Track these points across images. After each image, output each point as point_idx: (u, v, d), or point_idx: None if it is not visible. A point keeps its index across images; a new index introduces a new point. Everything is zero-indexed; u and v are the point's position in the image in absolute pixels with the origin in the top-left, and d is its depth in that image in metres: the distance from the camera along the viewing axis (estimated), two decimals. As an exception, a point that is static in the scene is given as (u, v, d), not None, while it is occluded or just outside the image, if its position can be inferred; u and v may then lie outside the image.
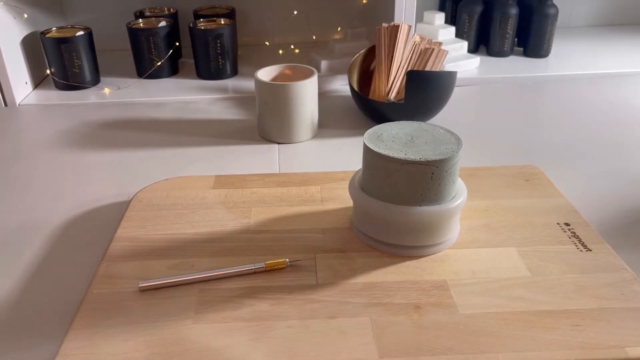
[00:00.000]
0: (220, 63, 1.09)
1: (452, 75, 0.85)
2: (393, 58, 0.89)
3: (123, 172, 0.77)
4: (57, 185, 0.74)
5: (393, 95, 0.89)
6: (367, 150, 0.54)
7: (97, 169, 0.78)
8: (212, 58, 1.08)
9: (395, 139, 0.55)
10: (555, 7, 1.16)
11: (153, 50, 1.08)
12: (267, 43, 1.33)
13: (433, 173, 0.51)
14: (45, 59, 1.05)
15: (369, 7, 1.26)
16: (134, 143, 0.85)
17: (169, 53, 1.10)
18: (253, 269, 0.53)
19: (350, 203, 0.61)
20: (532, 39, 1.18)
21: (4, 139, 0.88)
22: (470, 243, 0.57)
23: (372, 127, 0.57)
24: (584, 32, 1.38)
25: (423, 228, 0.54)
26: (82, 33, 1.03)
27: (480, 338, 0.45)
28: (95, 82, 1.08)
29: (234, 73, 1.12)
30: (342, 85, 1.06)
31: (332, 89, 1.05)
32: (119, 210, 0.66)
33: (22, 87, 1.02)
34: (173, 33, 1.11)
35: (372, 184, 0.55)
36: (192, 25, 1.08)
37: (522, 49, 1.22)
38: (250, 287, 0.51)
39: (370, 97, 0.91)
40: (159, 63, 1.09)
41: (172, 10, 1.20)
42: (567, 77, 1.09)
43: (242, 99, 1.01)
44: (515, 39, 1.21)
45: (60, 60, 1.03)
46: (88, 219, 0.66)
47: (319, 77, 0.89)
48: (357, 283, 0.52)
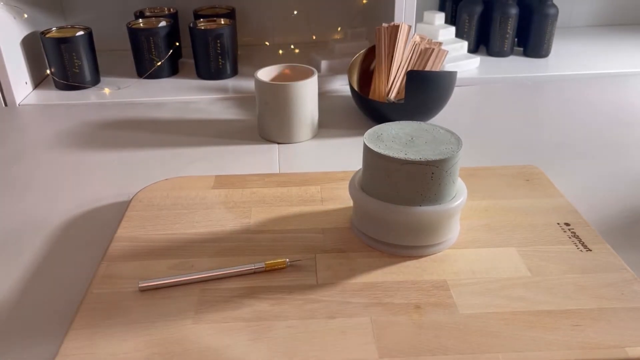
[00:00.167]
0: (220, 63, 1.09)
1: (452, 75, 0.85)
2: (393, 58, 0.89)
3: (123, 172, 0.77)
4: (57, 185, 0.74)
5: (393, 95, 0.89)
6: (367, 150, 0.54)
7: (97, 169, 0.78)
8: (212, 58, 1.08)
9: (395, 139, 0.55)
10: (555, 7, 1.16)
11: (153, 50, 1.08)
12: (267, 43, 1.33)
13: (433, 173, 0.51)
14: (46, 59, 1.05)
15: (369, 7, 1.26)
16: (134, 143, 0.85)
17: (169, 53, 1.10)
18: (253, 269, 0.53)
19: (350, 203, 0.61)
20: (532, 39, 1.18)
21: (4, 139, 0.88)
22: (471, 243, 0.57)
23: (372, 127, 0.57)
24: (584, 32, 1.38)
25: (423, 228, 0.54)
26: (82, 33, 1.03)
27: (481, 338, 0.45)
28: (95, 82, 1.08)
29: (234, 73, 1.12)
30: (342, 85, 1.06)
31: (332, 89, 1.05)
32: (119, 210, 0.66)
33: (22, 87, 1.02)
34: (173, 33, 1.11)
35: (372, 184, 0.55)
36: (192, 25, 1.08)
37: (522, 49, 1.22)
38: (250, 287, 0.51)
39: (370, 97, 0.91)
40: (159, 63, 1.09)
41: (172, 10, 1.20)
42: (567, 77, 1.09)
43: (242, 99, 1.01)
44: (515, 39, 1.21)
45: (61, 60, 1.03)
46: (88, 219, 0.66)
47: (319, 77, 0.89)
48: (357, 283, 0.52)
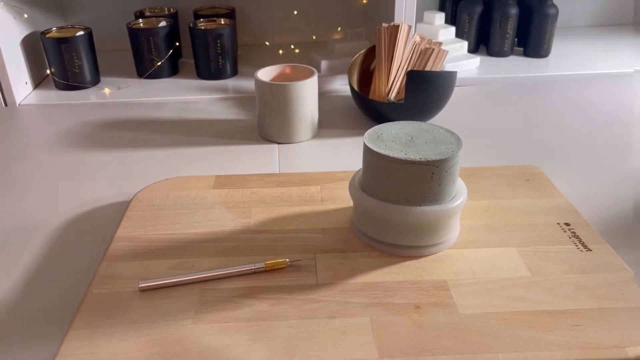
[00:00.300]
0: (221, 63, 1.09)
1: (452, 75, 0.85)
2: (393, 58, 0.89)
3: (123, 172, 0.77)
4: (57, 185, 0.74)
5: (393, 95, 0.89)
6: (367, 150, 0.54)
7: (97, 169, 0.78)
8: (212, 58, 1.08)
9: (395, 139, 0.55)
10: (555, 7, 1.16)
11: (153, 50, 1.08)
12: (267, 43, 1.33)
13: (433, 173, 0.51)
14: (46, 59, 1.05)
15: (369, 7, 1.26)
16: (134, 143, 0.85)
17: (169, 53, 1.10)
18: (253, 269, 0.53)
19: (350, 203, 0.61)
20: (532, 39, 1.18)
21: (4, 139, 0.88)
22: (471, 243, 0.57)
23: (372, 127, 0.57)
24: (584, 32, 1.38)
25: (423, 228, 0.54)
26: (82, 33, 1.03)
27: (481, 338, 0.45)
28: (95, 82, 1.08)
29: (234, 73, 1.12)
30: (342, 85, 1.06)
31: (332, 89, 1.05)
32: (119, 210, 0.66)
33: (22, 87, 1.02)
34: (173, 33, 1.11)
35: (372, 184, 0.55)
36: (192, 25, 1.08)
37: (522, 49, 1.22)
38: (250, 287, 0.51)
39: (370, 97, 0.91)
40: (159, 63, 1.09)
41: (172, 10, 1.20)
42: (567, 77, 1.09)
43: (242, 99, 1.01)
44: (515, 39, 1.21)
45: (61, 60, 1.03)
46: (88, 219, 0.66)
47: (319, 77, 0.89)
48: (357, 283, 0.52)
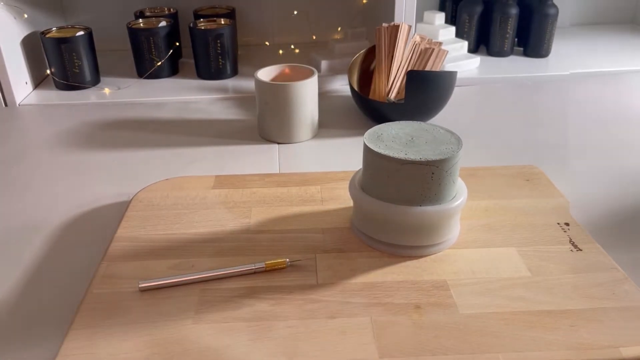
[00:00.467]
0: (221, 63, 1.09)
1: (452, 75, 0.85)
2: (393, 58, 0.89)
3: (123, 172, 0.77)
4: (57, 185, 0.74)
5: (393, 95, 0.89)
6: (367, 150, 0.54)
7: (97, 169, 0.78)
8: (212, 58, 1.08)
9: (396, 139, 0.55)
10: (555, 7, 1.16)
11: (153, 50, 1.08)
12: (267, 43, 1.33)
13: (433, 173, 0.51)
14: (46, 59, 1.05)
15: (369, 7, 1.26)
16: (134, 143, 0.85)
17: (169, 53, 1.10)
18: (253, 269, 0.53)
19: (351, 203, 0.61)
20: (532, 39, 1.18)
21: (4, 139, 0.88)
22: (471, 243, 0.57)
23: (372, 127, 0.57)
24: (584, 31, 1.38)
25: (423, 228, 0.54)
26: (82, 33, 1.03)
27: (481, 338, 0.45)
28: (95, 82, 1.08)
29: (234, 73, 1.12)
30: (342, 85, 1.06)
31: (332, 89, 1.05)
32: (119, 210, 0.66)
33: (22, 87, 1.02)
34: (173, 33, 1.11)
35: (372, 184, 0.55)
36: (192, 25, 1.08)
37: (522, 49, 1.22)
38: (251, 287, 0.51)
39: (371, 97, 0.91)
40: (159, 63, 1.09)
41: (172, 10, 1.20)
42: (567, 76, 1.09)
43: (242, 99, 1.01)
44: (516, 39, 1.21)
45: (61, 60, 1.03)
46: (88, 219, 0.66)
47: (319, 77, 0.89)
48: (357, 283, 0.52)
